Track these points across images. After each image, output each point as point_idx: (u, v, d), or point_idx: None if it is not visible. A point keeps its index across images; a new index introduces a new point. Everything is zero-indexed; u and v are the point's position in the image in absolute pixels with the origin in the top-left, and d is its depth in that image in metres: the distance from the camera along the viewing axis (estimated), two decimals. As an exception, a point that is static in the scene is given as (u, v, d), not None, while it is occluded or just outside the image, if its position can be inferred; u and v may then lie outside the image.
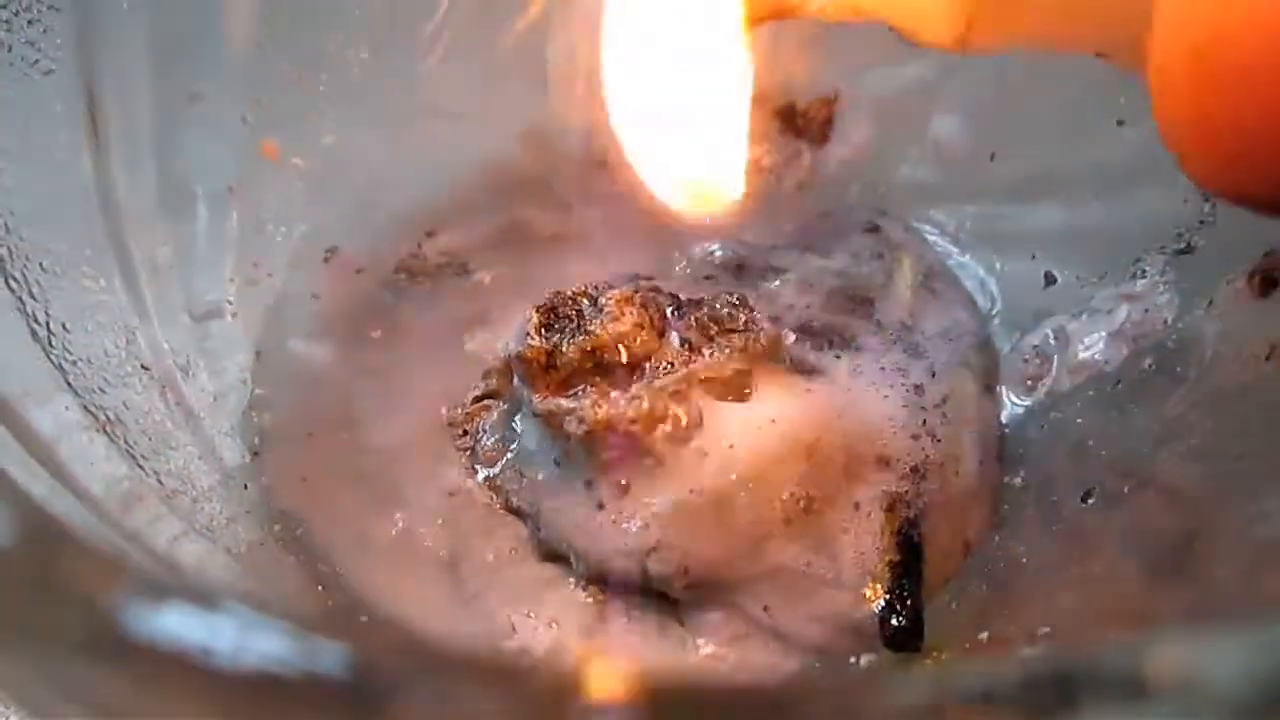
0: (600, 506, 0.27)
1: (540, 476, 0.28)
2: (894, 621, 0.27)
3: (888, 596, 0.27)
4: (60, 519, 0.18)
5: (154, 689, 0.12)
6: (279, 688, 0.12)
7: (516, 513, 0.29)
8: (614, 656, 0.27)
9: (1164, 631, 0.14)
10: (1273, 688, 0.13)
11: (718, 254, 0.35)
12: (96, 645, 0.12)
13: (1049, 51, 0.24)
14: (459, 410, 0.31)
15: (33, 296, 0.26)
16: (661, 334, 0.28)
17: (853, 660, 0.27)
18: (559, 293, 0.29)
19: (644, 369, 0.27)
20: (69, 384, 0.26)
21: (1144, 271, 0.31)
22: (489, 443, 0.30)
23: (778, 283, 0.34)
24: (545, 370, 0.27)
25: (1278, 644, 0.13)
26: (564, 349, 0.27)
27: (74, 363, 0.26)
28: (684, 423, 0.27)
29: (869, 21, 0.25)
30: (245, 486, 0.30)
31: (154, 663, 0.12)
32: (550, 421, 0.27)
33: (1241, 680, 0.13)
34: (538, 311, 0.28)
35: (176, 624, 0.12)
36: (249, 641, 0.12)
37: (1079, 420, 0.31)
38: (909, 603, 0.27)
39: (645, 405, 0.27)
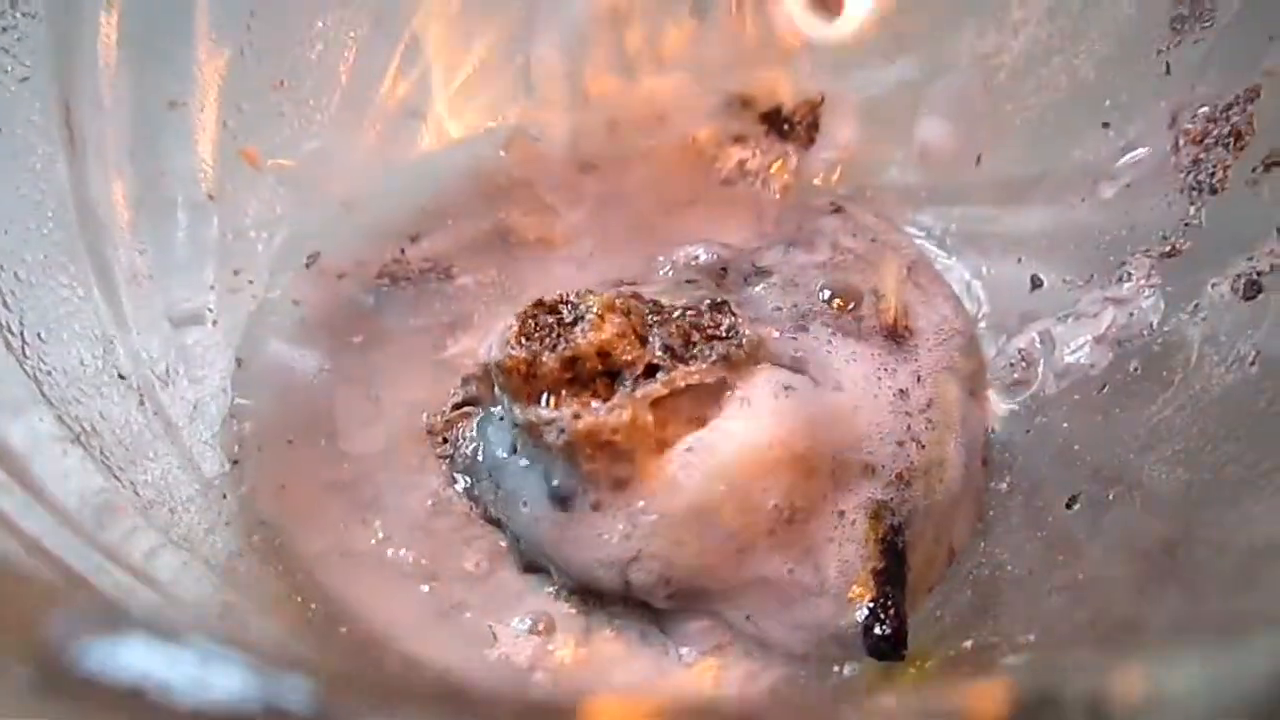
0: (580, 517, 0.27)
1: (519, 487, 0.28)
2: (877, 630, 0.27)
3: (871, 605, 0.27)
4: (28, 539, 0.17)
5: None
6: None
7: (496, 523, 0.29)
8: (596, 667, 0.27)
9: (1133, 653, 0.13)
10: (1235, 709, 0.13)
11: (701, 257, 0.34)
12: (46, 682, 0.11)
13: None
14: (439, 418, 0.31)
15: (6, 306, 0.26)
16: (644, 342, 0.28)
17: (836, 669, 0.27)
18: (540, 301, 0.28)
19: (625, 377, 0.27)
20: (44, 395, 0.25)
21: (1129, 275, 0.31)
22: (468, 451, 0.30)
23: (762, 286, 0.33)
24: (526, 380, 0.27)
25: (1242, 666, 0.13)
26: (545, 359, 0.27)
27: (49, 373, 0.26)
28: (665, 432, 0.27)
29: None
30: (224, 496, 0.29)
31: (109, 700, 0.11)
32: (531, 432, 0.27)
33: (1205, 701, 0.13)
34: (518, 320, 0.28)
35: (134, 658, 0.12)
36: (210, 676, 0.12)
37: (1065, 424, 0.31)
38: (892, 611, 0.27)
39: (626, 415, 0.26)
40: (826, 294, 0.33)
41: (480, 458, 0.30)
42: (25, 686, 0.11)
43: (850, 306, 0.32)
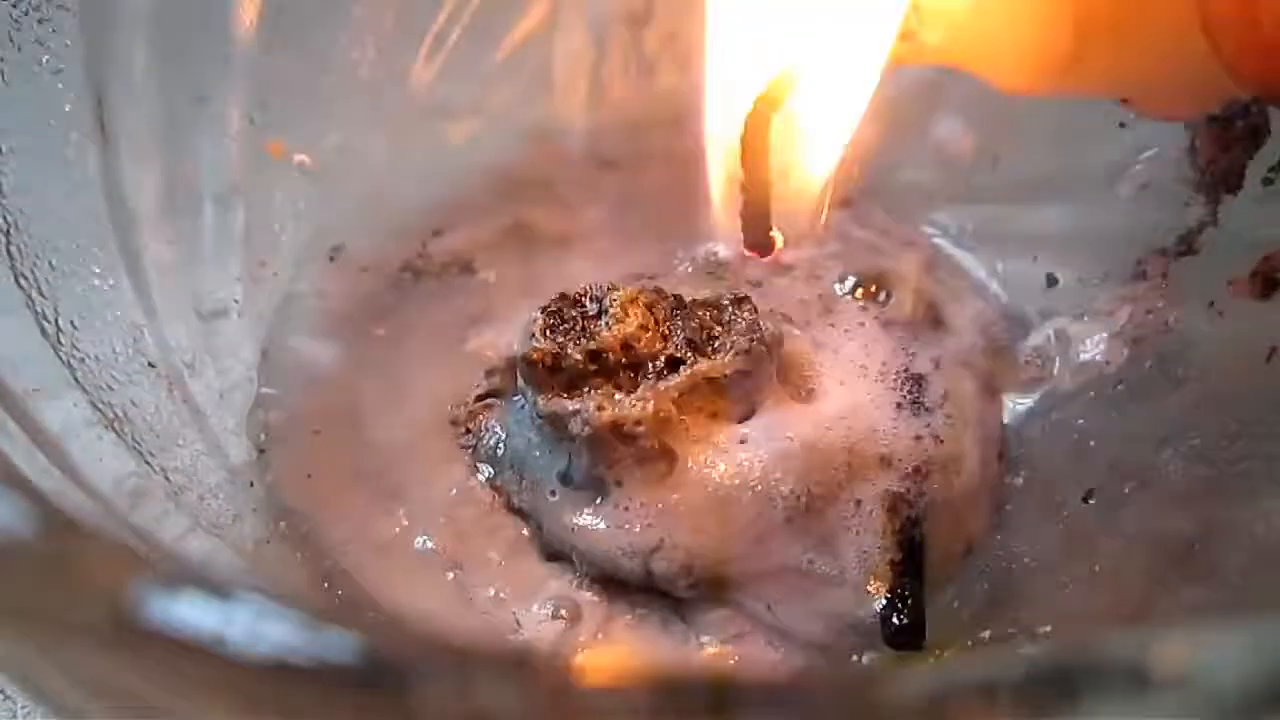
0: (603, 507, 0.27)
1: (543, 477, 0.29)
2: (895, 620, 0.27)
3: (889, 595, 0.27)
4: (73, 513, 0.18)
5: (169, 677, 0.12)
6: (293, 675, 0.12)
7: (519, 512, 0.30)
8: (620, 652, 0.27)
9: (1166, 627, 0.14)
10: (1274, 683, 0.13)
11: (721, 252, 0.35)
12: (114, 635, 0.12)
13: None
14: (462, 409, 0.32)
15: (42, 294, 0.26)
16: (666, 335, 0.28)
17: (855, 658, 0.27)
18: (563, 294, 0.29)
19: (648, 370, 0.28)
20: (78, 381, 0.26)
21: (1145, 273, 0.31)
22: (492, 442, 0.30)
23: (784, 279, 0.34)
24: (550, 372, 0.27)
25: (1279, 639, 0.13)
26: (568, 351, 0.27)
27: (82, 360, 0.26)
28: (687, 424, 0.27)
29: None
30: (251, 483, 0.30)
31: (169, 651, 0.12)
32: (554, 423, 0.27)
33: (1243, 676, 0.13)
34: (542, 313, 0.28)
35: (191, 613, 0.12)
36: (263, 630, 0.12)
37: (1080, 421, 0.31)
38: (910, 602, 0.27)
39: (650, 407, 0.27)
40: (849, 284, 0.33)
41: (503, 448, 0.30)
42: (97, 641, 0.11)
43: (874, 298, 0.33)
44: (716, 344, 0.28)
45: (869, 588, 0.27)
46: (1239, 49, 0.19)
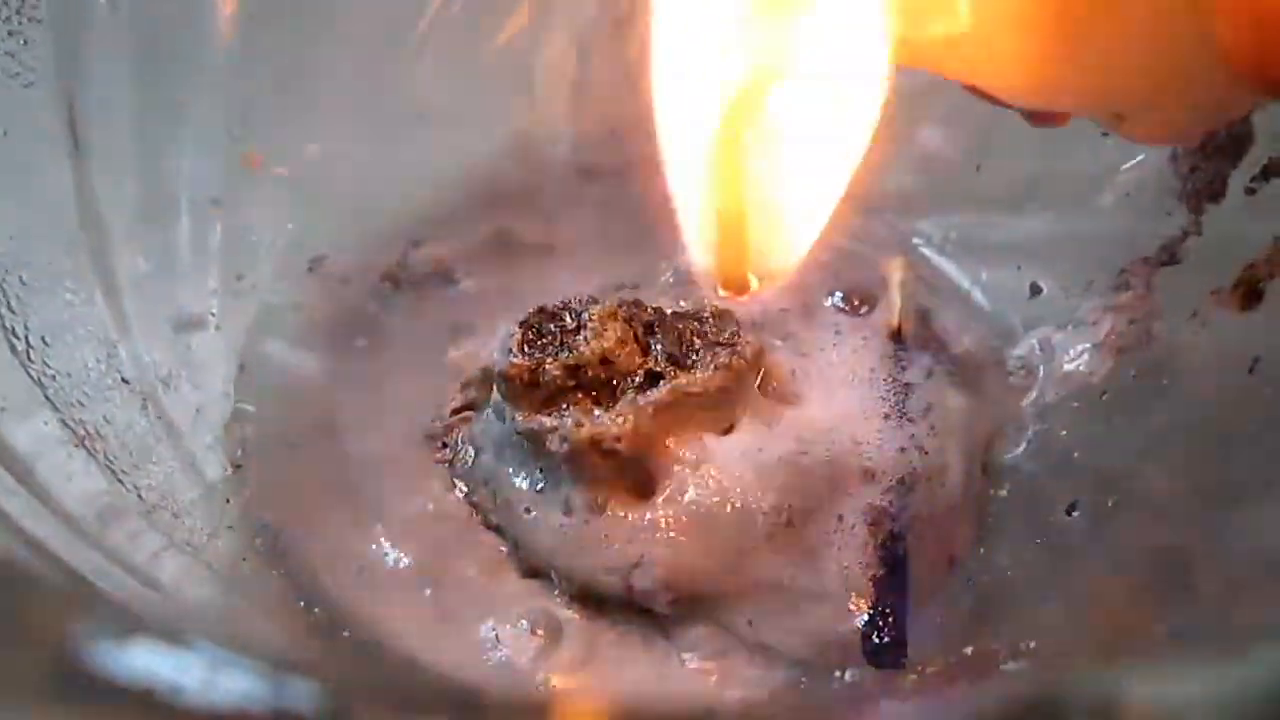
0: (583, 524, 0.27)
1: (521, 494, 0.28)
2: (877, 637, 0.27)
3: (872, 612, 0.27)
4: (33, 541, 0.17)
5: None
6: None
7: (496, 529, 0.29)
8: (598, 671, 0.27)
9: (1140, 662, 0.14)
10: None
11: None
12: (60, 685, 0.11)
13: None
14: (438, 423, 0.31)
15: (11, 310, 0.26)
16: (645, 349, 0.28)
17: (837, 674, 0.27)
18: (541, 308, 0.28)
19: (628, 385, 0.27)
20: (48, 398, 0.25)
21: (1129, 282, 0.31)
22: (469, 457, 0.30)
23: (767, 290, 0.33)
24: (528, 387, 0.27)
25: (1250, 676, 0.13)
26: (547, 366, 0.27)
27: (53, 376, 0.26)
28: (667, 439, 0.27)
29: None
30: (227, 500, 0.29)
31: (121, 702, 0.12)
32: (533, 440, 0.27)
33: (1215, 712, 0.13)
34: (520, 327, 0.28)
35: (144, 662, 0.12)
36: (218, 679, 0.12)
37: (1064, 432, 0.31)
38: (893, 618, 0.27)
39: (629, 423, 0.26)
40: (837, 295, 0.33)
41: (480, 464, 0.30)
42: (41, 690, 0.11)
43: (858, 308, 0.33)
44: (697, 358, 0.28)
45: (851, 604, 0.27)
46: (1234, 24, 0.19)
